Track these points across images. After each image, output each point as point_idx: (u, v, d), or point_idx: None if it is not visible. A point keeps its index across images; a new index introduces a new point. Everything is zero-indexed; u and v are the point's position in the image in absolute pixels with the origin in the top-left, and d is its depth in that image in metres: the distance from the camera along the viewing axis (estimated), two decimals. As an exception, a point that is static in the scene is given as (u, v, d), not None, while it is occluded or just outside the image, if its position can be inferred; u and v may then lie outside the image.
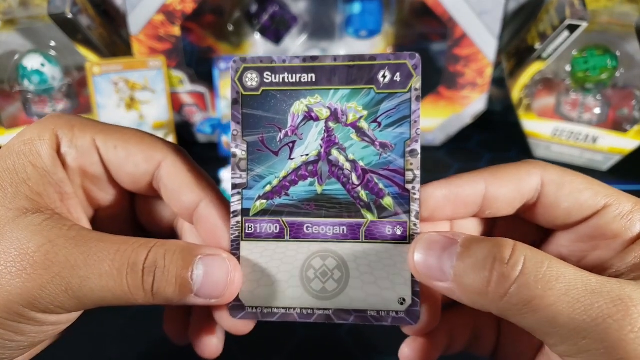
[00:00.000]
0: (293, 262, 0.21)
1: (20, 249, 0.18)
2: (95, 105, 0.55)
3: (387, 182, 0.20)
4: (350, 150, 0.20)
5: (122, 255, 0.19)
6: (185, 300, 0.20)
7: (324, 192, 0.21)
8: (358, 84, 0.20)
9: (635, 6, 0.51)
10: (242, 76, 0.21)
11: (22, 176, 0.20)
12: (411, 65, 0.20)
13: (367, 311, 0.20)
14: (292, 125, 0.20)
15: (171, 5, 0.53)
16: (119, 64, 0.54)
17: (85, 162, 0.22)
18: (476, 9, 0.53)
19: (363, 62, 0.20)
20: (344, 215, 0.20)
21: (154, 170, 0.22)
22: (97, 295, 0.19)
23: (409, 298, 0.20)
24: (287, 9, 0.58)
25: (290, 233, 0.21)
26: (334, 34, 0.60)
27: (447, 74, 0.57)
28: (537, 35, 0.56)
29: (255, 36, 0.60)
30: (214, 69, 0.58)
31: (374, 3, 0.56)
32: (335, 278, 0.20)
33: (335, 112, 0.20)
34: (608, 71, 0.52)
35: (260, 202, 0.21)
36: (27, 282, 0.18)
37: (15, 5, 0.51)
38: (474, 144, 0.62)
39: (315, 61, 0.20)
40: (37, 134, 0.21)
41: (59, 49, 0.53)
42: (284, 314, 0.21)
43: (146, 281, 0.19)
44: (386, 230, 0.20)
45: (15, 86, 0.53)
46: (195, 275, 0.19)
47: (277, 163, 0.21)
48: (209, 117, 0.60)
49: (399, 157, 0.20)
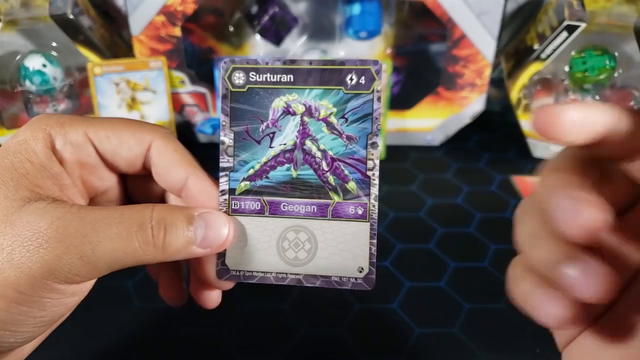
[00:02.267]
0: (271, 234, 0.24)
1: (33, 229, 0.20)
2: (96, 105, 0.55)
3: (351, 169, 0.24)
4: (321, 141, 0.24)
5: (127, 217, 0.21)
6: (190, 252, 0.22)
7: (298, 176, 0.24)
8: (329, 84, 0.23)
9: (634, 7, 0.51)
10: (231, 75, 0.24)
11: (21, 171, 0.21)
12: (374, 70, 0.23)
13: (332, 277, 0.24)
14: (273, 118, 0.24)
15: (172, 6, 0.53)
16: (120, 65, 0.55)
17: (81, 155, 0.23)
18: (475, 9, 0.53)
19: (334, 66, 0.23)
20: (315, 197, 0.24)
21: (146, 151, 0.24)
22: (109, 257, 0.21)
23: (366, 267, 0.24)
24: (287, 10, 0.59)
25: (269, 210, 0.24)
26: (334, 35, 0.61)
27: (446, 75, 0.57)
28: (536, 35, 0.56)
29: (256, 37, 0.60)
30: (215, 69, 0.58)
31: (374, 4, 0.56)
32: (306, 249, 0.24)
33: (310, 108, 0.24)
34: (606, 72, 0.52)
35: (244, 183, 0.24)
36: (45, 256, 0.20)
37: (17, 6, 0.52)
38: (473, 144, 0.62)
39: (293, 64, 0.23)
40: (31, 134, 0.22)
41: (60, 49, 0.54)
42: (262, 277, 0.24)
43: (156, 236, 0.21)
44: (349, 210, 0.24)
45: (16, 86, 0.53)
46: (198, 229, 0.22)
47: (259, 150, 0.24)
48: (209, 117, 0.60)
49: (362, 148, 0.23)
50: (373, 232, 0.24)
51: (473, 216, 0.48)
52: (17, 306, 0.20)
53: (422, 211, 0.49)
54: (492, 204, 0.50)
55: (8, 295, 0.20)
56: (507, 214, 0.49)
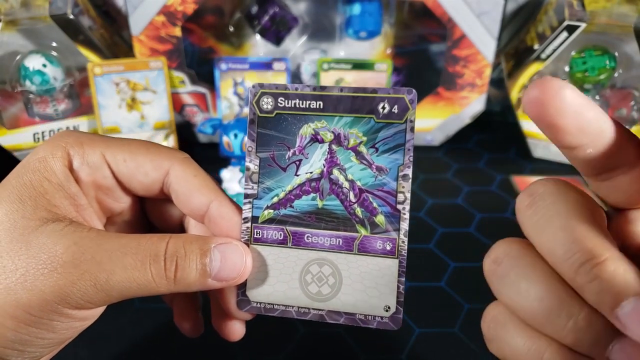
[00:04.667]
0: (294, 266, 0.23)
1: (49, 252, 0.20)
2: (96, 105, 0.55)
3: (380, 202, 0.23)
4: (349, 171, 0.23)
5: (143, 248, 0.21)
6: (204, 284, 0.22)
7: (324, 206, 0.23)
8: (360, 112, 0.22)
9: (634, 7, 0.51)
10: (259, 100, 0.23)
11: (39, 190, 0.21)
12: (408, 99, 0.22)
13: (356, 314, 0.23)
14: (300, 145, 0.23)
15: (172, 6, 0.53)
16: (121, 65, 0.55)
17: (97, 176, 0.23)
18: (475, 10, 0.53)
19: (365, 94, 0.22)
20: (341, 229, 0.23)
21: (163, 177, 0.24)
22: (122, 287, 0.20)
23: (393, 306, 0.22)
24: (287, 10, 0.59)
25: (292, 240, 0.23)
26: (334, 35, 0.61)
27: (446, 75, 0.57)
28: (536, 36, 0.56)
29: (256, 37, 0.60)
30: (215, 69, 0.58)
31: (374, 4, 0.56)
32: (330, 283, 0.23)
33: (339, 137, 0.23)
34: (606, 72, 0.52)
35: (268, 211, 0.23)
36: (59, 280, 0.20)
37: (17, 6, 0.52)
38: (473, 144, 0.62)
39: (323, 90, 0.22)
40: (50, 152, 0.22)
41: (60, 49, 0.54)
42: (284, 310, 0.23)
43: (169, 269, 0.21)
44: (377, 245, 0.23)
45: (17, 87, 0.53)
46: (213, 261, 0.21)
47: (285, 178, 0.23)
48: (209, 117, 0.60)
49: (393, 180, 0.22)
50: (402, 270, 0.22)
51: (473, 216, 0.48)
52: (27, 327, 0.20)
53: (422, 211, 0.49)
54: (492, 204, 0.50)
55: (18, 316, 0.20)
56: (507, 214, 0.49)
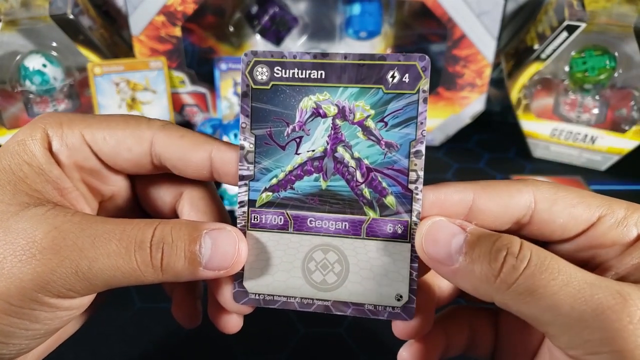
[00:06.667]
0: (295, 253, 0.21)
1: (27, 238, 0.19)
2: (96, 105, 0.55)
3: (390, 181, 0.20)
4: (355, 148, 0.21)
5: (128, 234, 0.19)
6: (195, 274, 0.20)
7: (328, 187, 0.21)
8: (367, 83, 0.20)
9: (634, 7, 0.51)
10: (253, 70, 0.21)
11: (19, 174, 0.20)
12: (420, 67, 0.20)
13: (365, 305, 0.21)
14: (300, 120, 0.21)
15: (172, 6, 0.53)
16: (120, 65, 0.55)
17: (78, 158, 0.22)
18: (475, 9, 0.53)
19: (373, 61, 0.20)
20: (347, 212, 0.21)
21: (149, 149, 0.22)
22: (106, 275, 0.19)
23: (405, 295, 0.21)
24: (287, 10, 0.59)
25: (294, 225, 0.21)
26: (334, 35, 0.61)
27: (446, 75, 0.57)
28: (536, 35, 0.56)
29: (256, 37, 0.60)
30: (215, 69, 0.58)
31: (374, 4, 0.56)
32: (336, 271, 0.21)
33: (343, 110, 0.20)
34: (606, 72, 0.52)
35: (266, 194, 0.21)
36: (37, 267, 0.19)
37: (17, 6, 0.52)
38: (473, 144, 0.62)
39: (325, 58, 0.20)
40: (29, 134, 0.21)
41: (60, 49, 0.54)
42: (285, 302, 0.21)
43: (155, 257, 0.19)
44: (387, 228, 0.21)
45: (16, 87, 0.53)
46: (204, 249, 0.20)
47: (284, 157, 0.21)
48: (209, 117, 0.60)
49: (404, 157, 0.20)
50: (415, 255, 0.20)
51: (473, 216, 0.48)
52: (7, 317, 0.19)
53: (422, 211, 0.49)
54: (492, 204, 0.50)
55: None
56: (507, 214, 0.49)
